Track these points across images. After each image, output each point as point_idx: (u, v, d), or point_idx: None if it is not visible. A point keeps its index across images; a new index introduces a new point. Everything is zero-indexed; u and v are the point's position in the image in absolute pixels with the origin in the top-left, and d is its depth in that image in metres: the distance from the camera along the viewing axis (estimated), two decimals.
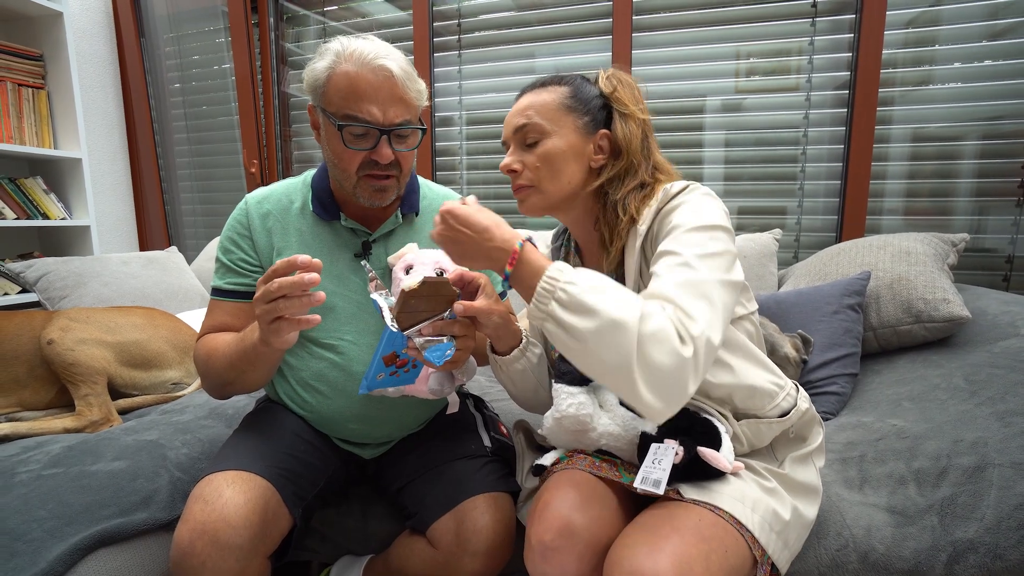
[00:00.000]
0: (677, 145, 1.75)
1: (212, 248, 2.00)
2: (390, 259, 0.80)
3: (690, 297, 0.52)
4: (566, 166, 0.67)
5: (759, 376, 0.65)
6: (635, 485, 0.58)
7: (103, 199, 2.22)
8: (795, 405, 0.67)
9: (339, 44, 0.72)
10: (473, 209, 0.60)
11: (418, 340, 0.64)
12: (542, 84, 0.70)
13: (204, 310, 1.64)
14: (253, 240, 0.80)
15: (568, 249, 0.81)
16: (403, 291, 0.61)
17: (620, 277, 0.68)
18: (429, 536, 0.74)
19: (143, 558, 0.75)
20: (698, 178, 1.72)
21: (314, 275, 0.58)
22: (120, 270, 1.62)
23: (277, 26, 2.12)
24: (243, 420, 0.86)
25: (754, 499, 0.57)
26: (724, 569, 0.50)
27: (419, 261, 0.75)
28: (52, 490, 0.76)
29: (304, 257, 0.59)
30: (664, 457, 0.57)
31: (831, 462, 0.83)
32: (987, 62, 1.49)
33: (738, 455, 0.66)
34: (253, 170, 2.11)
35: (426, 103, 0.76)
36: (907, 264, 1.12)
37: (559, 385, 0.64)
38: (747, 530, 0.55)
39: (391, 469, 0.85)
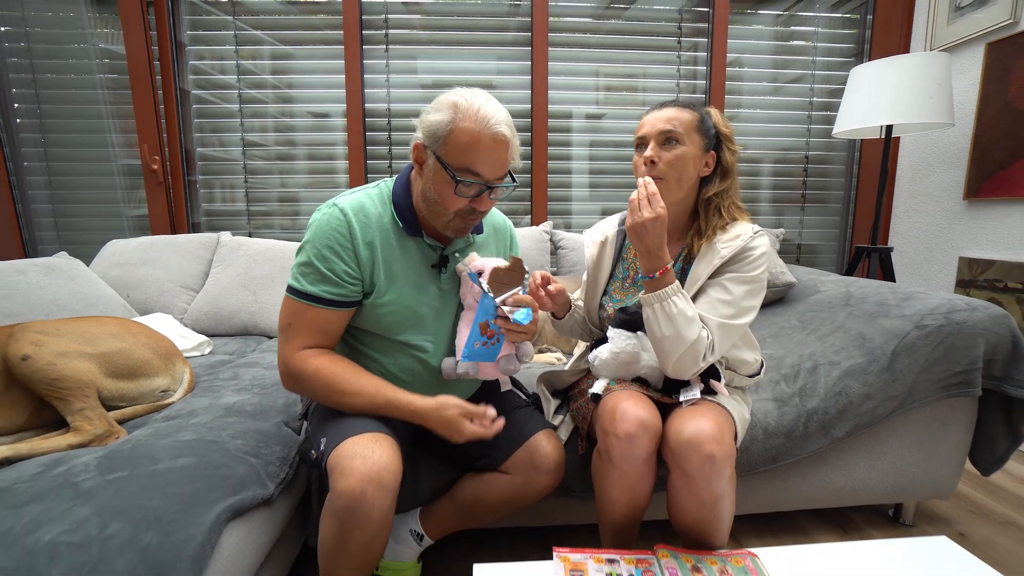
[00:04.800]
0: (554, 144, 2.15)
1: (112, 254, 1.78)
2: (458, 267, 0.94)
3: (722, 336, 0.88)
4: (688, 169, 0.91)
5: (749, 354, 1.00)
6: (680, 400, 0.90)
7: None
8: (759, 373, 1.04)
9: (459, 98, 0.80)
10: (661, 227, 0.85)
11: (506, 309, 0.87)
12: (683, 105, 0.93)
13: (140, 318, 1.52)
14: (356, 252, 0.84)
15: None
16: (495, 268, 0.87)
17: (691, 257, 0.96)
18: (504, 468, 0.95)
19: (262, 528, 0.83)
20: (567, 185, 2.16)
21: (500, 425, 0.87)
22: (17, 280, 1.41)
23: (175, 12, 1.95)
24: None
25: (735, 405, 0.94)
26: (731, 436, 0.86)
27: (487, 266, 0.91)
28: (145, 487, 0.75)
29: (492, 411, 0.86)
30: (694, 387, 0.91)
31: None
32: (774, 111, 2.20)
33: None
34: (155, 167, 1.93)
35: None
36: None
37: (618, 330, 0.93)
38: (734, 421, 0.90)
39: None
